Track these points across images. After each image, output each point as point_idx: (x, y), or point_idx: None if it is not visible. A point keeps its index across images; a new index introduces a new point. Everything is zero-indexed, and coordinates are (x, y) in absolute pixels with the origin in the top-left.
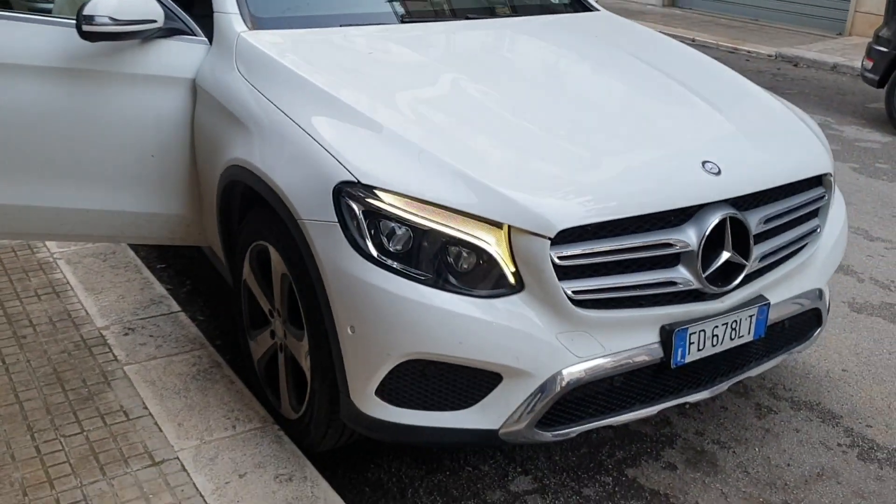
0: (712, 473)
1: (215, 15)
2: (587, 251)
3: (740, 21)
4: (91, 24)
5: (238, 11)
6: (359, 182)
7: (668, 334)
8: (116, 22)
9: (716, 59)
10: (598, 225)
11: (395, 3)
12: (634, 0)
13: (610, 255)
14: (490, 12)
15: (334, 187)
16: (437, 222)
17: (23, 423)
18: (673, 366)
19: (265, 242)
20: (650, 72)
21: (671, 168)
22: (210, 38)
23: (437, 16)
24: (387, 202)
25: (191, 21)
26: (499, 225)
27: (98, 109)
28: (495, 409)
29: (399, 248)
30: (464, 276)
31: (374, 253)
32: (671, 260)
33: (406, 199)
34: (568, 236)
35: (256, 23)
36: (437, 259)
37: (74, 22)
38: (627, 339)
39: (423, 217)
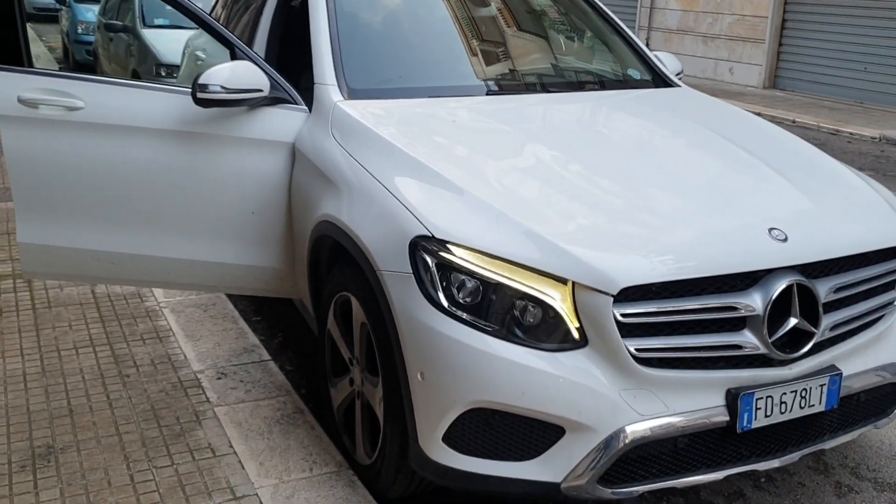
0: None
1: (315, 86)
2: (651, 310)
3: (844, 103)
4: (205, 92)
5: (336, 83)
6: (433, 236)
7: (734, 398)
8: (228, 90)
9: (816, 140)
10: (662, 285)
11: (478, 76)
12: (735, 82)
13: (674, 316)
14: (574, 87)
15: (411, 241)
16: (505, 276)
17: (120, 453)
18: (739, 430)
19: (348, 293)
20: (723, 142)
21: (737, 233)
22: (310, 106)
23: (521, 89)
24: (458, 256)
25: (293, 91)
26: (563, 281)
27: (206, 169)
28: (558, 463)
29: (468, 299)
30: (529, 330)
31: (445, 303)
32: (737, 323)
33: (476, 254)
34: (631, 294)
35: (352, 93)
36: (504, 312)
37: (189, 90)
38: (692, 400)
39: (491, 271)
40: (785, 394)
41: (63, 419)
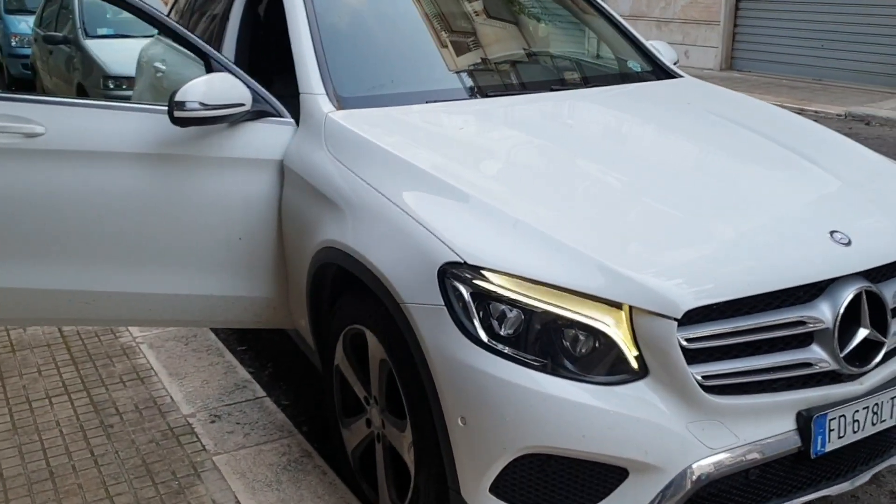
0: None
1: (301, 96)
2: (715, 332)
3: (803, 82)
4: (183, 110)
5: (324, 92)
6: (465, 262)
7: (807, 421)
8: (207, 107)
9: None
10: (726, 304)
11: (477, 77)
12: (691, 65)
13: (739, 336)
14: (578, 83)
15: (439, 269)
16: (551, 303)
17: None
18: (813, 455)
19: (361, 326)
20: (758, 139)
21: (799, 241)
22: (296, 118)
23: (521, 89)
24: (496, 283)
25: (277, 103)
26: (618, 305)
27: (185, 193)
28: None
29: (510, 331)
30: (582, 361)
31: (485, 338)
32: (804, 339)
33: (516, 280)
34: (694, 317)
35: (343, 102)
36: (552, 343)
37: (162, 108)
38: (762, 427)
39: (535, 298)
40: (857, 411)
41: (43, 483)
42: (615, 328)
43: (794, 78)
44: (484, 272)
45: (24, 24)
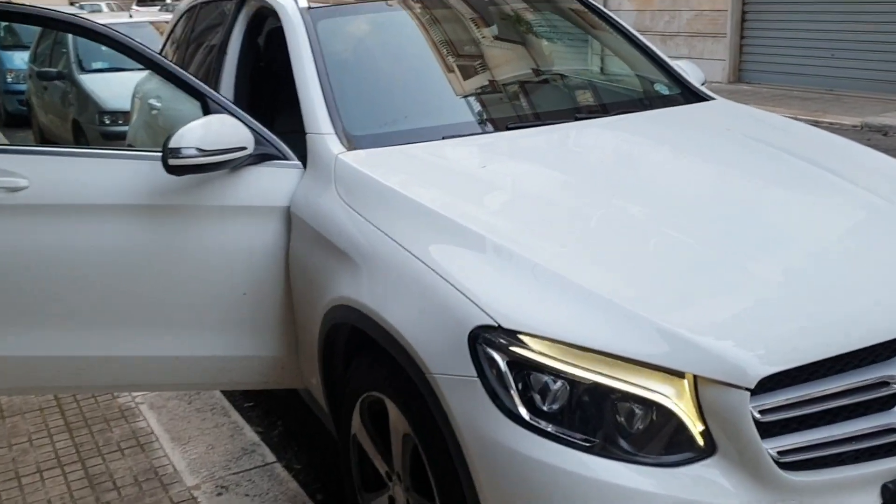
0: None
1: (308, 136)
2: (789, 401)
3: (815, 92)
4: (178, 157)
5: (333, 131)
6: (499, 326)
7: (893, 494)
8: (205, 153)
9: None
10: (801, 368)
11: (495, 108)
12: None
13: (816, 404)
14: (604, 110)
15: (470, 333)
16: (603, 373)
17: None
18: None
19: (380, 394)
20: (813, 170)
21: (878, 293)
22: (303, 160)
23: (544, 118)
24: (537, 350)
25: (282, 144)
26: (681, 374)
27: (183, 247)
28: None
29: (555, 407)
30: (638, 439)
31: (526, 415)
32: (886, 401)
33: (561, 346)
34: (766, 384)
35: (353, 142)
36: (603, 419)
37: (156, 155)
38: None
39: (583, 367)
40: None
41: None
42: (678, 400)
43: (806, 89)
44: (522, 337)
45: (20, 60)
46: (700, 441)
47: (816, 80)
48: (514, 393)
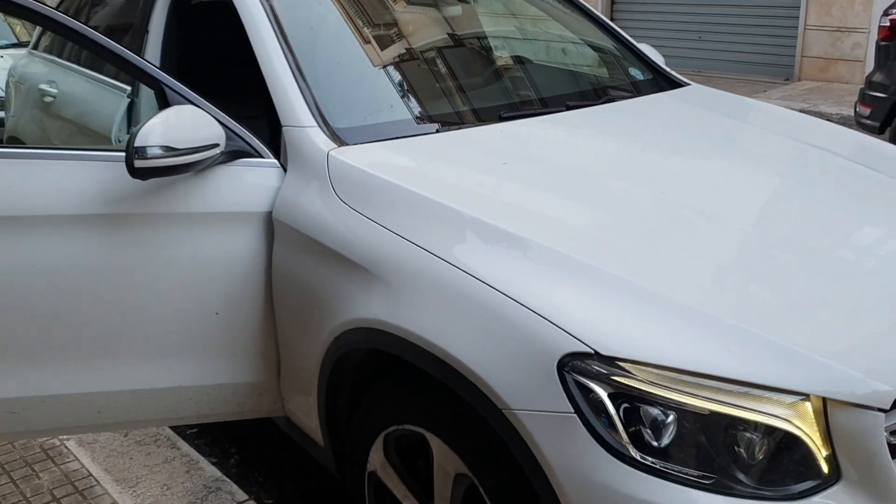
0: None
1: (285, 130)
2: None
3: (684, 73)
4: (145, 159)
5: (315, 123)
6: (596, 353)
7: None
8: (176, 152)
9: None
10: None
11: (486, 97)
12: None
13: None
14: (597, 97)
15: (559, 362)
16: (719, 401)
17: None
18: None
19: (418, 428)
20: (847, 164)
21: None
22: (278, 158)
23: (534, 108)
24: (642, 379)
25: (254, 139)
26: (806, 397)
27: (147, 262)
28: None
29: (666, 441)
30: (759, 473)
31: (634, 452)
32: None
33: (669, 373)
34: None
35: (340, 136)
36: (720, 452)
37: (112, 156)
38: None
39: (696, 396)
40: None
41: None
42: (804, 425)
43: (675, 70)
44: (624, 365)
45: None
46: (825, 468)
47: (685, 63)
48: (620, 427)
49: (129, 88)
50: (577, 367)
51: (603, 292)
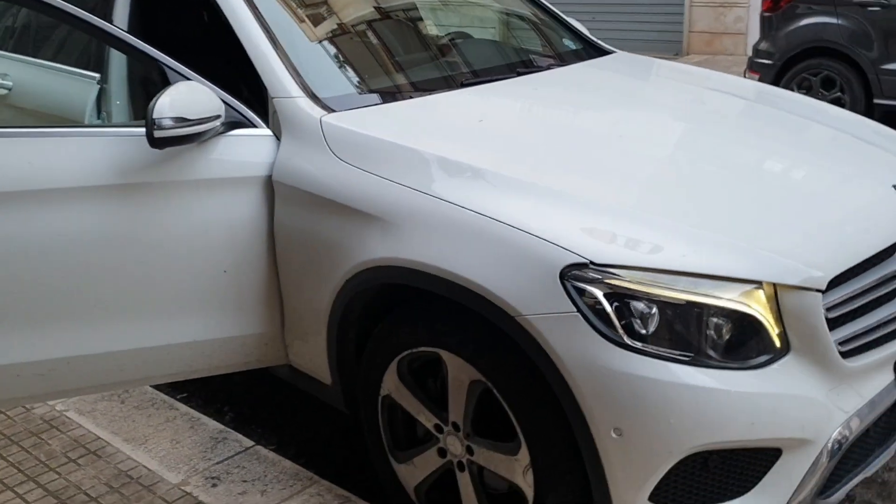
0: None
1: (275, 101)
2: (842, 298)
3: None
4: (163, 130)
5: (303, 94)
6: (591, 263)
7: None
8: (188, 122)
9: None
10: (848, 270)
11: (445, 67)
12: None
13: (857, 299)
14: (533, 65)
15: (561, 272)
16: (695, 293)
17: None
18: None
19: (432, 349)
20: (772, 111)
21: (882, 198)
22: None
23: (490, 75)
24: (630, 280)
25: (248, 111)
26: (760, 285)
27: (156, 228)
28: (776, 489)
29: (652, 328)
30: (730, 348)
31: (627, 339)
32: (892, 294)
33: (651, 273)
34: (828, 286)
35: (327, 104)
36: (695, 334)
37: (118, 130)
38: (872, 382)
39: (674, 289)
40: None
41: None
42: (760, 308)
43: None
44: (614, 270)
45: None
46: (778, 342)
47: None
48: (615, 320)
49: (97, 76)
50: (576, 275)
51: (587, 215)
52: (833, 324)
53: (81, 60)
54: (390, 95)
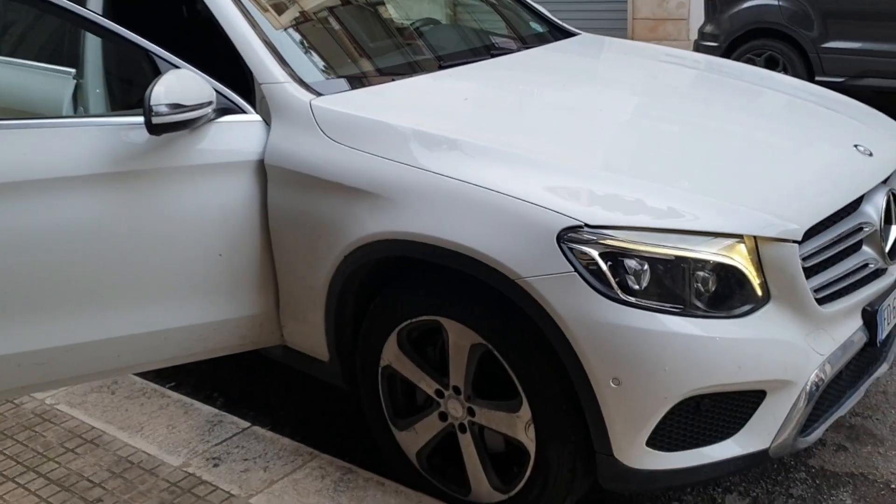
0: (878, 443)
1: (262, 87)
2: (815, 249)
3: None
4: (160, 116)
5: (290, 79)
6: (585, 225)
7: (871, 315)
8: (183, 108)
9: None
10: (821, 222)
11: (420, 51)
12: None
13: (828, 250)
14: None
15: (557, 236)
16: (681, 248)
17: None
18: (878, 344)
19: (432, 317)
20: (732, 82)
21: (844, 158)
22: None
23: (466, 58)
24: (622, 239)
25: (237, 97)
26: (741, 238)
27: (151, 215)
28: (762, 428)
29: (645, 283)
30: (717, 299)
31: (622, 294)
32: (857, 245)
33: (642, 232)
34: (803, 238)
35: (313, 89)
36: (686, 287)
37: (110, 121)
38: (843, 327)
39: (664, 246)
40: (895, 300)
41: None
42: (742, 260)
43: None
44: (607, 231)
45: None
46: (760, 292)
47: None
48: (610, 278)
49: (73, 71)
50: (572, 237)
51: (579, 181)
52: (808, 273)
53: (55, 57)
54: (376, 78)
